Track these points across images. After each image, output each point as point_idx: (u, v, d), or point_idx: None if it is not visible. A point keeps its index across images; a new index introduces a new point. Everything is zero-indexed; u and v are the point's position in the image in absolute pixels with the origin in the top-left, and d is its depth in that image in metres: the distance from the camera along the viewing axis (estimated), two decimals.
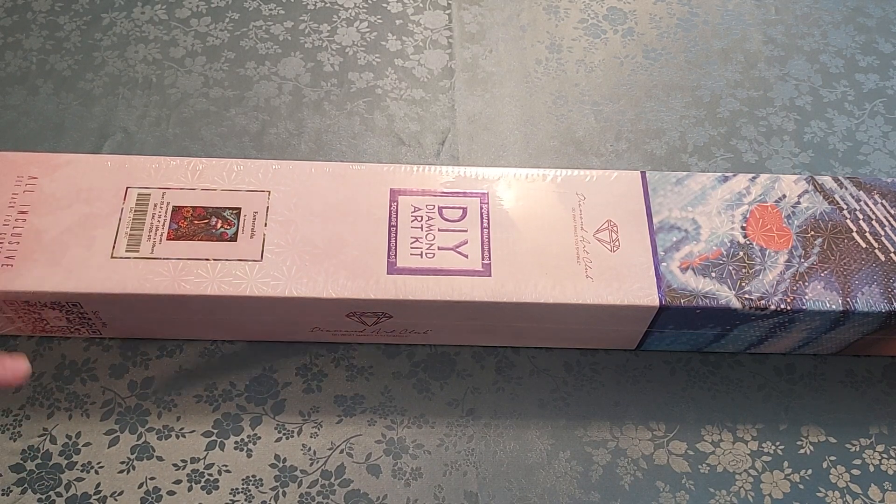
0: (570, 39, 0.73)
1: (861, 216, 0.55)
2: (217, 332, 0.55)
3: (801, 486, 0.53)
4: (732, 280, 0.52)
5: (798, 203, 0.56)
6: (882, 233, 0.55)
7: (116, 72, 0.69)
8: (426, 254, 0.52)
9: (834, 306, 0.52)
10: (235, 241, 0.52)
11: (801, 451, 0.54)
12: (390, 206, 0.54)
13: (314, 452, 0.53)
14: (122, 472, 0.51)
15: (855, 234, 0.54)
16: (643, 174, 0.56)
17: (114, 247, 0.51)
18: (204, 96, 0.68)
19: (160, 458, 0.52)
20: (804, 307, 0.51)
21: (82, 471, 0.51)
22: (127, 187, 0.53)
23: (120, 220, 0.52)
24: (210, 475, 0.51)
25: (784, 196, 0.56)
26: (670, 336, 0.55)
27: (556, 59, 0.72)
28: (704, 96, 0.70)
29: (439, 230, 0.53)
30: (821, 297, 0.52)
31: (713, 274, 0.52)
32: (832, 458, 0.54)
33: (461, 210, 0.54)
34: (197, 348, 0.56)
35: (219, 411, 0.54)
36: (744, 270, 0.52)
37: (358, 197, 0.54)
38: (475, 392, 0.55)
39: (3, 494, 0.50)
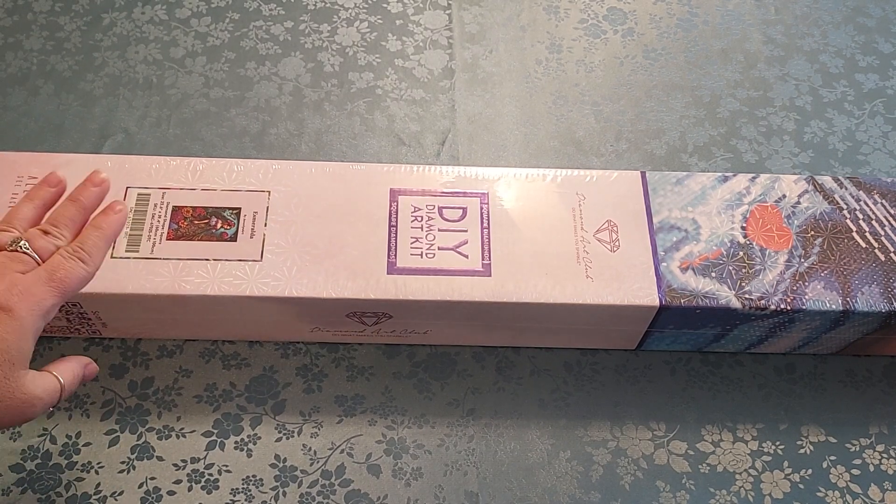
0: (570, 39, 0.73)
1: (861, 216, 0.55)
2: (217, 332, 0.55)
3: (801, 486, 0.53)
4: (732, 280, 0.52)
5: (798, 203, 0.56)
6: (882, 233, 0.55)
7: (117, 72, 0.69)
8: (426, 254, 0.52)
9: (834, 306, 0.52)
10: (235, 241, 0.52)
11: (801, 450, 0.54)
12: (390, 206, 0.54)
13: (314, 452, 0.53)
14: (122, 472, 0.51)
15: (855, 234, 0.54)
16: (643, 174, 0.56)
17: (114, 247, 0.51)
18: (204, 97, 0.68)
19: (160, 458, 0.52)
20: (804, 307, 0.51)
21: (82, 471, 0.51)
22: (127, 187, 0.53)
23: None
24: (210, 475, 0.51)
25: (784, 196, 0.56)
26: (670, 336, 0.55)
27: (556, 59, 0.72)
28: (704, 96, 0.70)
29: (439, 230, 0.53)
30: (821, 297, 0.52)
31: (713, 274, 0.52)
32: (832, 457, 0.54)
33: (461, 210, 0.54)
34: (197, 348, 0.56)
35: (219, 411, 0.54)
36: (744, 270, 0.52)
37: (358, 197, 0.54)
38: (475, 392, 0.55)
39: (3, 494, 0.50)
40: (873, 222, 0.55)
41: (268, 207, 0.53)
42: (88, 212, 0.44)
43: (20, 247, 0.41)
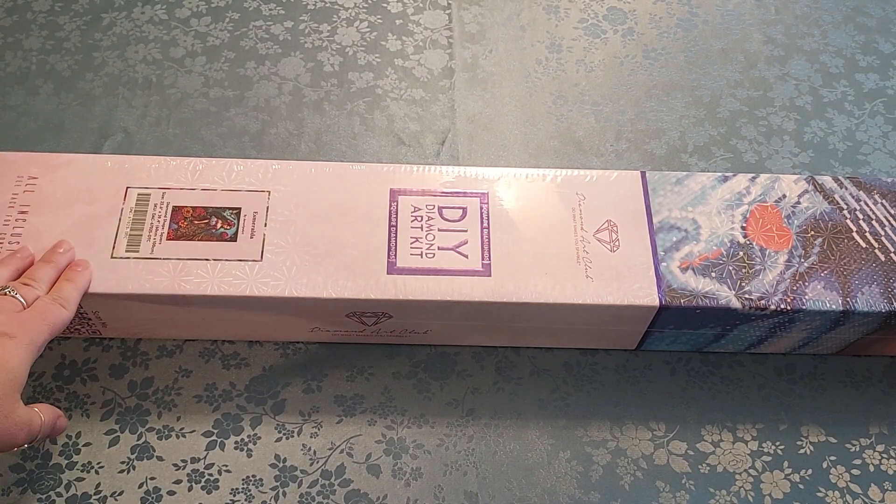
0: (570, 39, 0.73)
1: (861, 216, 0.55)
2: (217, 331, 0.55)
3: (801, 486, 0.53)
4: (732, 280, 0.52)
5: (798, 203, 0.56)
6: (882, 233, 0.55)
7: (116, 72, 0.69)
8: (426, 254, 0.52)
9: (834, 306, 0.52)
10: (235, 241, 0.52)
11: (801, 451, 0.54)
12: (390, 206, 0.54)
13: (314, 452, 0.53)
14: (122, 472, 0.51)
15: (855, 234, 0.54)
16: (643, 174, 0.56)
17: (114, 247, 0.51)
18: (204, 96, 0.68)
19: (160, 458, 0.52)
20: (804, 307, 0.51)
21: (82, 471, 0.51)
22: (127, 187, 0.53)
23: (120, 220, 0.52)
24: (210, 475, 0.51)
25: (784, 196, 0.56)
26: (670, 336, 0.55)
27: (556, 59, 0.72)
28: (704, 96, 0.70)
29: (439, 230, 0.53)
30: (821, 297, 0.52)
31: (713, 274, 0.52)
32: (832, 458, 0.54)
33: (461, 210, 0.54)
34: (197, 348, 0.56)
35: (219, 411, 0.54)
36: (744, 270, 0.52)
37: (358, 197, 0.54)
38: (475, 392, 0.55)
39: (3, 494, 0.50)
40: (873, 222, 0.55)
41: (268, 207, 0.53)
42: (60, 271, 0.49)
43: (8, 292, 0.46)
